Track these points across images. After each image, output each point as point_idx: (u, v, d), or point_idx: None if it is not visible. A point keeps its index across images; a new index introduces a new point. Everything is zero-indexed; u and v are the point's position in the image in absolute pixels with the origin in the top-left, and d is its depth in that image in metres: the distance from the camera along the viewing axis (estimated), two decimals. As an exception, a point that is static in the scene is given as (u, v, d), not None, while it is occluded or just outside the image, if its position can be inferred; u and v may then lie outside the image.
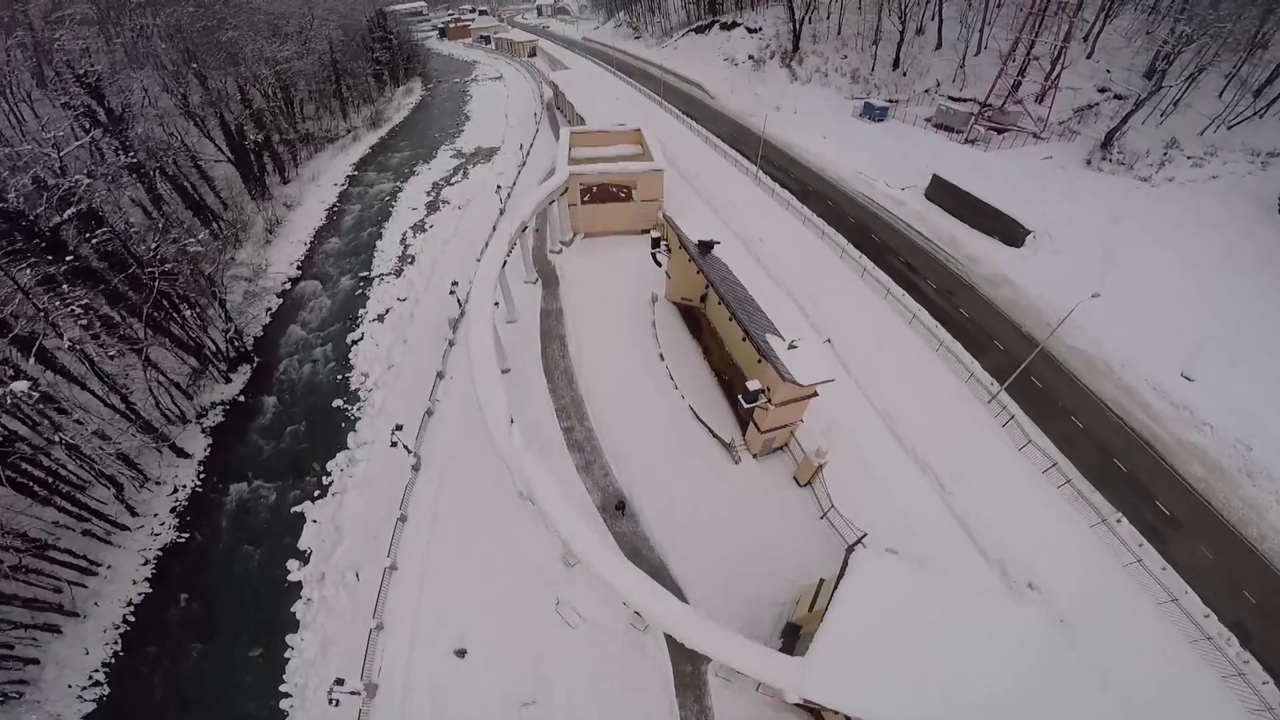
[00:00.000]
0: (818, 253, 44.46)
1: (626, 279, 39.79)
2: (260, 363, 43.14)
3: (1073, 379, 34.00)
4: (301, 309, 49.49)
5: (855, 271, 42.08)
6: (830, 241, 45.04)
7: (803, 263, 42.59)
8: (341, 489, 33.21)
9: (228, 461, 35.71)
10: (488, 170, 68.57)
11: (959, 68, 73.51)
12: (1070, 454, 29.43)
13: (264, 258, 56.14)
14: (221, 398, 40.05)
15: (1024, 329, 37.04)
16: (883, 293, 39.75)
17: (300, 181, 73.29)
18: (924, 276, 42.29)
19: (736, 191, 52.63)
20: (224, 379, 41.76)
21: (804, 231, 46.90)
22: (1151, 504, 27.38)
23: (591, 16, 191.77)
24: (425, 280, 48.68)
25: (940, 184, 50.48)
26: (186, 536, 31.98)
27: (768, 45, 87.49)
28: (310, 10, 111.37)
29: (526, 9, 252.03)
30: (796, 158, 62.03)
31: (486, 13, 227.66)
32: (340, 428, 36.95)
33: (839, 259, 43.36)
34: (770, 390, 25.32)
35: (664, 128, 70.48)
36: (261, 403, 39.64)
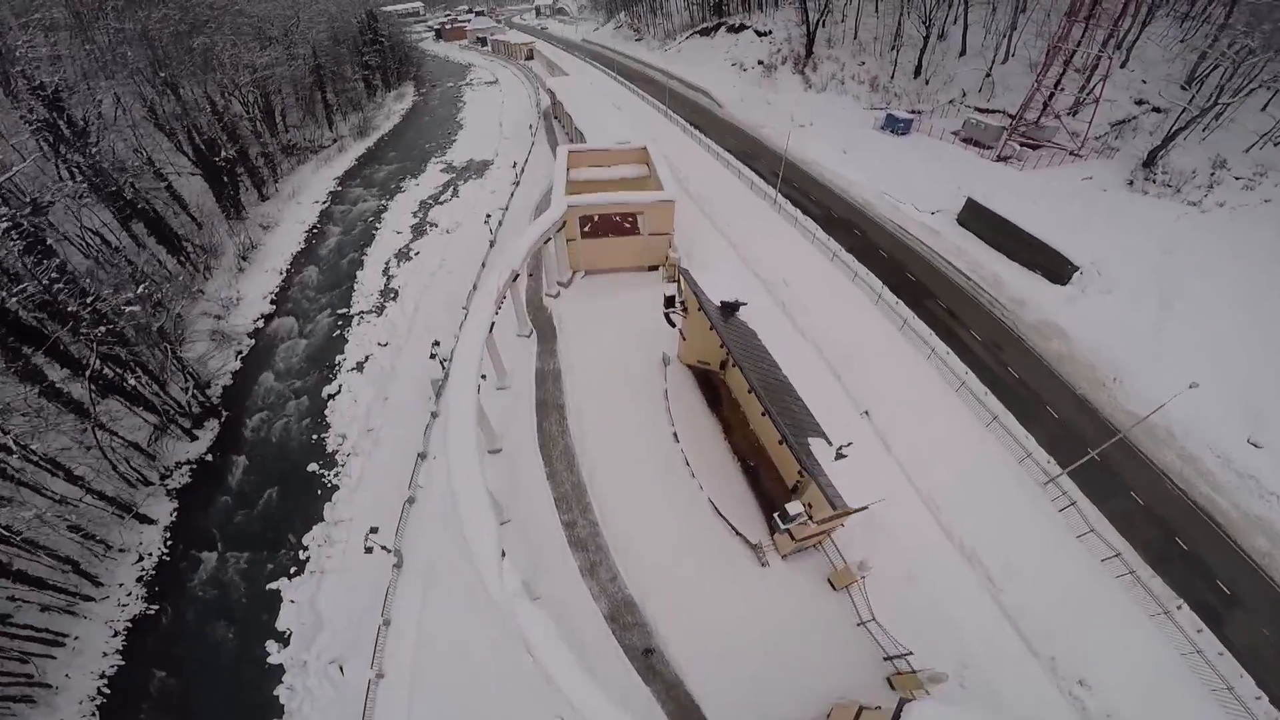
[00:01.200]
0: (849, 299, 39.29)
1: (634, 331, 34.97)
2: (229, 417, 39.37)
3: (1133, 449, 29.85)
4: (275, 352, 45.03)
5: (893, 322, 37.06)
6: (863, 283, 40.04)
7: (833, 312, 37.59)
8: (319, 568, 30.32)
9: (196, 528, 32.97)
10: (479, 188, 63.97)
11: (986, 76, 68.95)
12: (1129, 534, 26.39)
13: (235, 289, 51.62)
14: (187, 457, 36.62)
15: (1079, 390, 32.79)
16: (925, 351, 34.80)
17: (279, 199, 68.69)
18: (967, 326, 37.49)
19: (754, 220, 47.70)
20: (189, 436, 37.98)
21: (832, 271, 41.79)
22: (1212, 583, 25.26)
23: (590, 17, 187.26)
24: (408, 321, 44.23)
25: (975, 209, 45.70)
26: (156, 608, 29.97)
27: (779, 50, 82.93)
28: (297, 12, 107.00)
29: (525, 9, 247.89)
30: (816, 176, 57.27)
31: (483, 13, 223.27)
32: (317, 495, 33.63)
33: (874, 305, 38.42)
34: (811, 507, 21.12)
35: (670, 141, 65.93)
36: (231, 463, 36.26)
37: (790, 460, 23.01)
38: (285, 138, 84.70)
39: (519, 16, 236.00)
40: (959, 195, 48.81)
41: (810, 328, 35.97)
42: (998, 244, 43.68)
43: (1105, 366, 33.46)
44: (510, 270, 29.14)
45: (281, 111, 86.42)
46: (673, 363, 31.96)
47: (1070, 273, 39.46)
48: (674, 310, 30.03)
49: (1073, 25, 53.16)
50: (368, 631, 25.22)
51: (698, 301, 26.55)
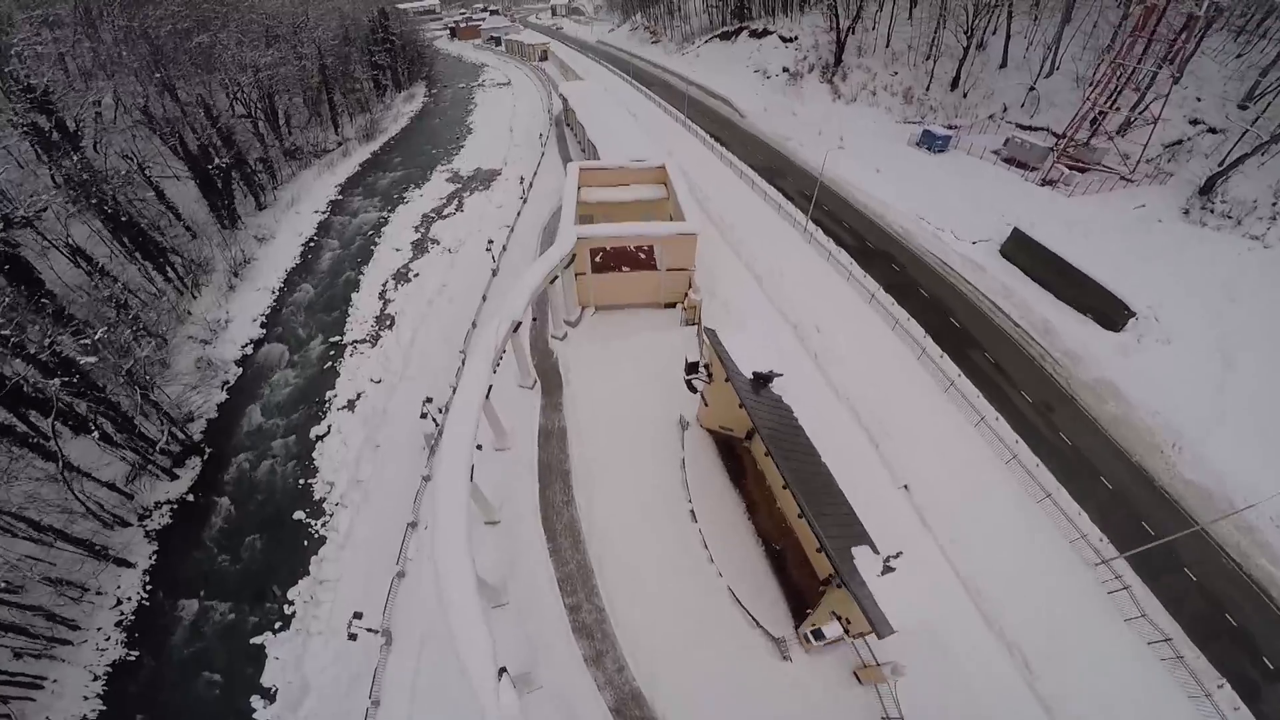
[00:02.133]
0: (889, 350, 34.98)
1: (648, 383, 31.20)
2: (212, 454, 36.89)
3: (1188, 520, 26.57)
4: (263, 383, 42.03)
5: (938, 381, 32.79)
6: (904, 333, 35.70)
7: (871, 366, 33.38)
8: (304, 626, 28.21)
9: (177, 572, 31.41)
10: (485, 201, 60.57)
11: (1029, 91, 64.64)
12: (1178, 611, 23.79)
13: (225, 310, 48.74)
14: (167, 497, 34.43)
15: (1134, 457, 29.06)
16: (972, 416, 30.69)
17: (278, 207, 65.76)
18: (1017, 384, 33.31)
19: (783, 250, 43.47)
20: (168, 476, 35.48)
21: (869, 316, 37.47)
22: (1256, 658, 23.21)
23: (606, 18, 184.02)
24: (403, 355, 40.87)
25: (1021, 241, 41.43)
26: (137, 654, 28.76)
27: (805, 57, 78.92)
28: (306, 10, 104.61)
29: (540, 9, 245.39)
30: (848, 198, 53.12)
31: (498, 12, 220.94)
32: (303, 546, 31.33)
33: (916, 359, 34.16)
34: (850, 622, 17.56)
35: (689, 155, 61.96)
36: (214, 505, 34.07)
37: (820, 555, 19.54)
38: (289, 140, 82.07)
39: (534, 16, 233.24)
40: (1001, 223, 44.86)
41: (845, 385, 31.98)
42: (1045, 281, 39.46)
43: (1163, 431, 29.70)
44: (510, 321, 25.56)
45: (285, 113, 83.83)
46: (692, 426, 28.24)
47: (1125, 318, 35.25)
48: (697, 375, 26.30)
49: (1135, 41, 48.79)
50: (358, 700, 23.51)
51: (725, 371, 22.82)
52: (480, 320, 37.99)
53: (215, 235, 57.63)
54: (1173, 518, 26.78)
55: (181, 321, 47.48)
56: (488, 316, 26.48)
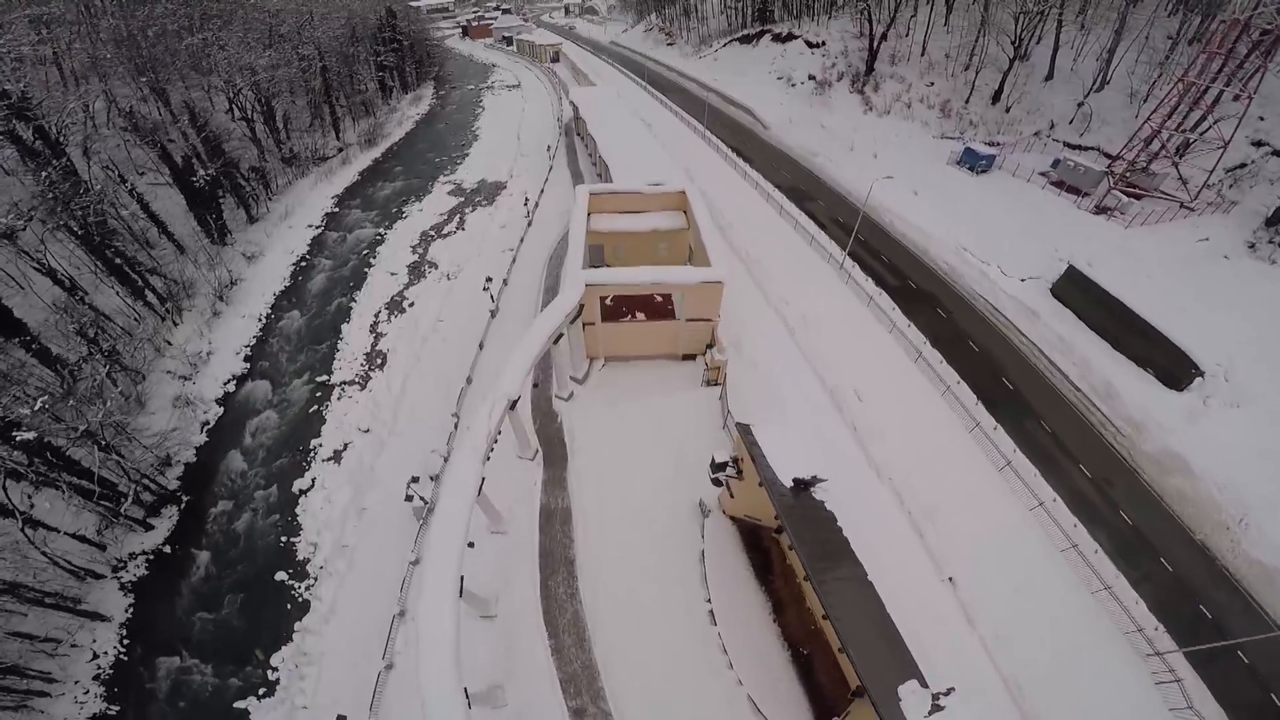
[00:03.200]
0: (938, 422, 30.35)
1: (665, 457, 27.25)
2: (190, 503, 34.41)
3: (1249, 599, 23.57)
4: (244, 425, 38.94)
5: (990, 459, 28.38)
6: (954, 400, 31.10)
7: (919, 441, 28.90)
8: (289, 694, 26.50)
9: (155, 628, 29.93)
10: (488, 219, 56.72)
11: (1078, 106, 59.86)
12: (1225, 696, 20.91)
13: (207, 340, 45.38)
14: (141, 548, 32.27)
15: (1197, 535, 25.76)
16: (1028, 499, 26.49)
17: (270, 220, 62.36)
18: (1075, 456, 29.02)
19: (817, 291, 38.75)
20: (142, 526, 33.10)
21: (916, 377, 32.75)
22: None
23: (620, 18, 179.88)
24: (394, 406, 37.25)
25: (1076, 280, 36.49)
26: (118, 709, 27.47)
27: (834, 64, 74.29)
28: (310, 9, 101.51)
29: (554, 7, 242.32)
30: (885, 226, 48.48)
31: (510, 11, 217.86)
32: (286, 609, 29.24)
33: (968, 433, 29.69)
34: None
35: (709, 171, 57.74)
36: (193, 558, 32.04)
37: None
38: (287, 146, 78.87)
39: (547, 15, 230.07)
40: (1052, 256, 40.58)
41: (889, 464, 27.64)
42: (1101, 327, 34.73)
43: (1230, 506, 25.90)
44: (506, 400, 21.59)
45: (284, 117, 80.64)
46: (714, 513, 24.19)
47: (1190, 376, 30.73)
48: (726, 472, 22.31)
49: (1211, 58, 43.93)
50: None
51: (758, 474, 18.77)
52: (475, 384, 34.07)
53: (202, 252, 54.33)
54: (1234, 599, 23.90)
55: (160, 353, 44.18)
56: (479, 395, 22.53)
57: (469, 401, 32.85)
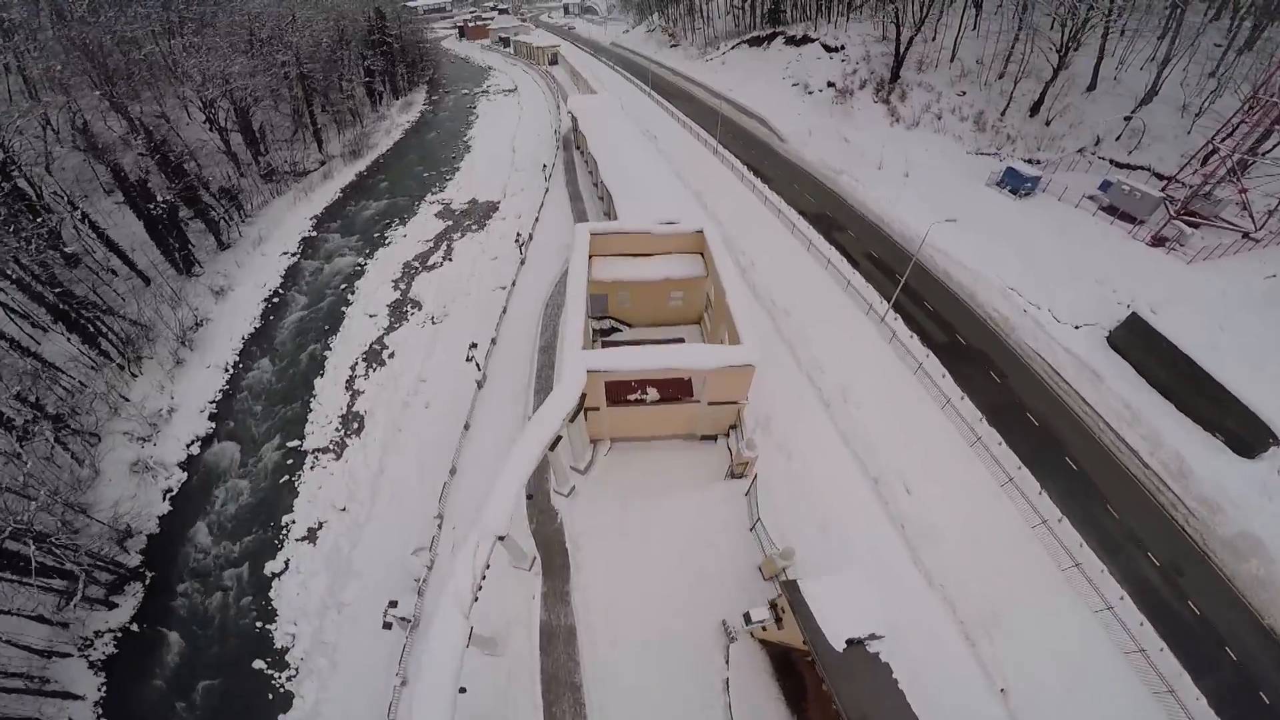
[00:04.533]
0: (997, 516, 26.08)
1: (683, 566, 23.09)
2: (155, 578, 31.37)
3: None
4: (211, 495, 34.94)
5: (1054, 558, 24.51)
6: (1016, 493, 26.74)
7: (975, 541, 24.98)
8: None
9: (130, 709, 27.56)
10: (478, 249, 51.75)
11: (1125, 121, 54.95)
12: None
13: (168, 394, 40.92)
14: (107, 625, 29.67)
15: (1266, 620, 23.21)
16: (1093, 599, 23.17)
17: (242, 246, 57.50)
18: (1143, 544, 25.49)
19: (856, 352, 33.56)
20: (105, 605, 30.17)
21: (973, 465, 28.08)
22: None
23: (620, 18, 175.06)
24: (372, 479, 32.96)
25: (1139, 330, 32.17)
26: None
27: (855, 70, 69.31)
28: (293, 10, 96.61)
29: (552, 7, 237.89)
30: (924, 263, 43.51)
31: (507, 11, 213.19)
32: (268, 700, 26.53)
33: (1030, 529, 25.40)
34: None
35: (723, 194, 52.71)
36: (163, 639, 29.46)
37: None
38: (264, 160, 74.08)
39: (546, 15, 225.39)
40: (1107, 298, 36.67)
41: (941, 570, 23.44)
42: (1164, 385, 30.76)
43: None
44: (493, 538, 16.95)
45: (261, 128, 75.79)
46: (740, 636, 19.76)
47: (1265, 444, 26.96)
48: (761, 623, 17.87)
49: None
50: None
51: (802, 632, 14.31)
52: (459, 476, 29.41)
53: (166, 286, 49.59)
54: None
55: (116, 411, 39.62)
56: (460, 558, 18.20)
57: (453, 499, 28.26)
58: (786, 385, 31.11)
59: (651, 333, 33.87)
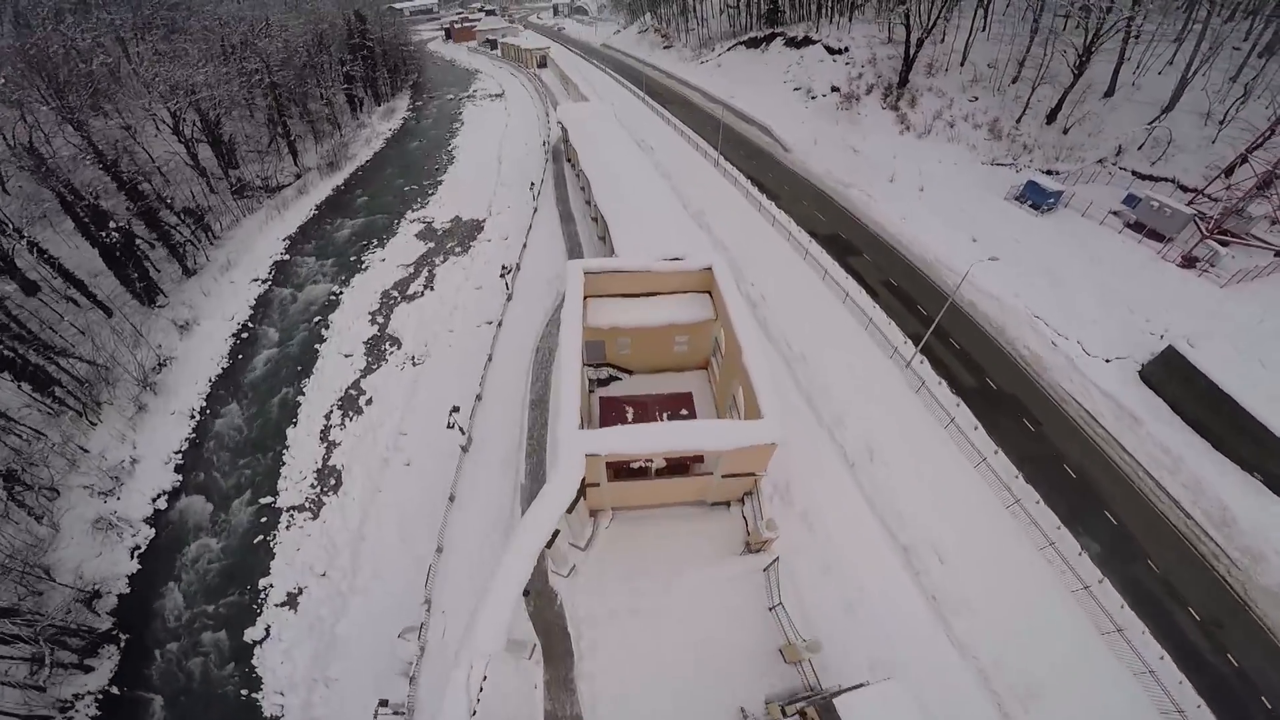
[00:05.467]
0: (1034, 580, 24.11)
1: (698, 646, 20.61)
2: (131, 640, 29.60)
3: None
4: (183, 549, 32.72)
5: (1095, 622, 22.85)
6: (1056, 558, 24.57)
7: (1014, 610, 23.10)
8: None
9: None
10: (461, 276, 48.39)
11: (1147, 129, 52.34)
12: None
13: (130, 443, 37.79)
14: (86, 688, 28.11)
15: None
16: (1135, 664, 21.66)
17: (210, 272, 53.91)
18: (1184, 597, 24.09)
19: (879, 399, 30.65)
20: (80, 668, 28.53)
21: (1008, 526, 25.71)
22: None
23: (611, 18, 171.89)
24: (352, 544, 30.22)
25: (1175, 366, 30.33)
26: None
27: (860, 74, 66.50)
28: (265, 14, 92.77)
29: (541, 8, 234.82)
30: (941, 287, 40.40)
31: (494, 12, 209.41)
32: None
33: (1070, 594, 23.39)
34: None
35: (726, 212, 49.61)
36: (146, 703, 27.89)
37: None
38: (235, 175, 70.37)
39: (535, 16, 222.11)
40: (1139, 328, 34.85)
41: (975, 642, 21.41)
42: (1200, 422, 29.03)
43: None
44: (485, 661, 14.02)
45: (230, 140, 71.94)
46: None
47: None
48: None
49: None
50: None
51: None
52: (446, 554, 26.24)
53: (128, 320, 45.99)
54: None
55: (75, 464, 36.53)
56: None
57: (441, 581, 25.28)
58: (806, 443, 28.06)
59: (654, 381, 30.77)
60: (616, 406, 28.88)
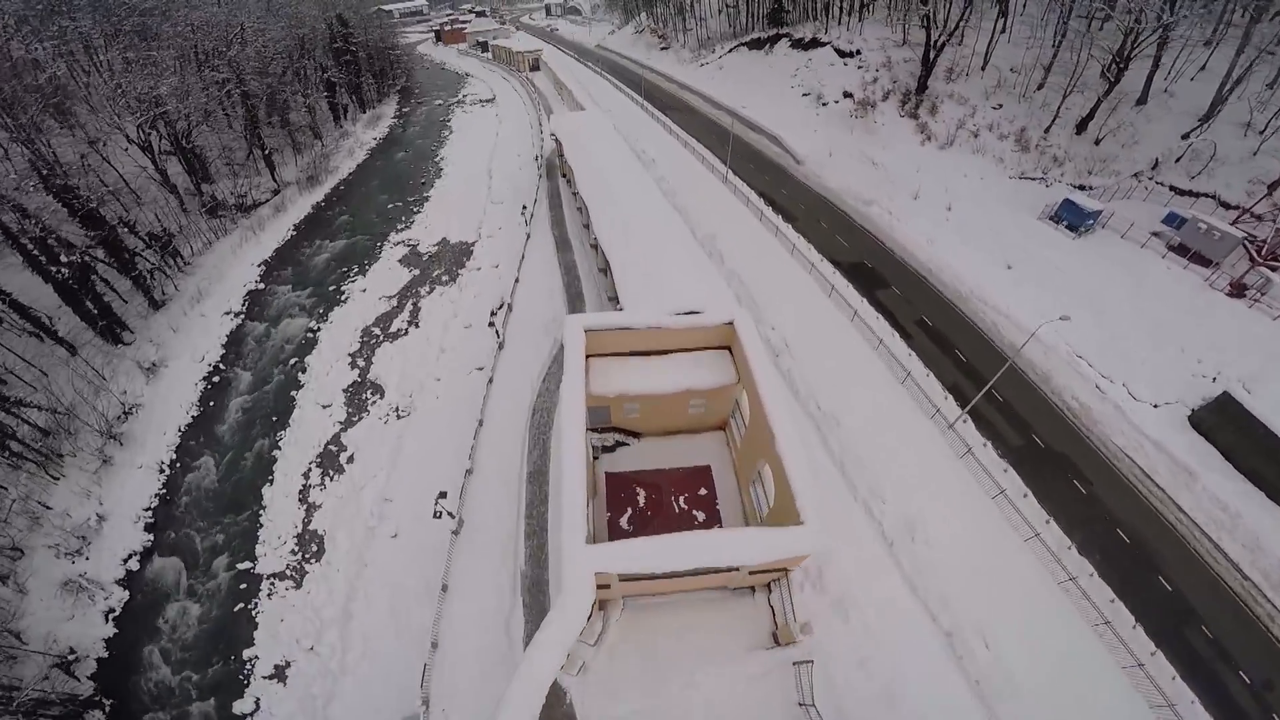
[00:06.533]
0: (1087, 658, 21.90)
1: None
2: (115, 706, 28.01)
3: None
4: (161, 613, 30.57)
5: (1145, 697, 21.08)
6: (1109, 634, 22.35)
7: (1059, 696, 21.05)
8: None
9: None
10: (448, 309, 44.95)
11: (1185, 139, 49.33)
12: None
13: (96, 499, 34.95)
14: None
15: None
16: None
17: (179, 303, 50.42)
18: (1236, 661, 22.61)
19: (920, 473, 27.40)
20: None
21: (1060, 604, 23.38)
22: None
23: (605, 18, 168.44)
24: (340, 620, 27.92)
25: (1230, 413, 28.32)
26: None
27: (875, 79, 63.29)
28: (241, 20, 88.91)
29: (534, 8, 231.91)
30: (984, 327, 37.04)
31: (485, 14, 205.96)
32: None
33: (1121, 669, 21.34)
34: None
35: (737, 237, 46.12)
36: None
37: None
38: (209, 191, 66.80)
39: (528, 16, 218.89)
40: (1186, 365, 32.25)
41: None
42: (1255, 471, 27.33)
43: None
44: None
45: (200, 155, 68.25)
46: None
47: None
48: None
49: None
50: None
51: None
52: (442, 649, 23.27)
53: (86, 366, 42.56)
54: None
55: (38, 522, 33.81)
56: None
57: (438, 678, 22.41)
58: (841, 520, 24.97)
59: (666, 447, 27.51)
60: (625, 485, 25.63)
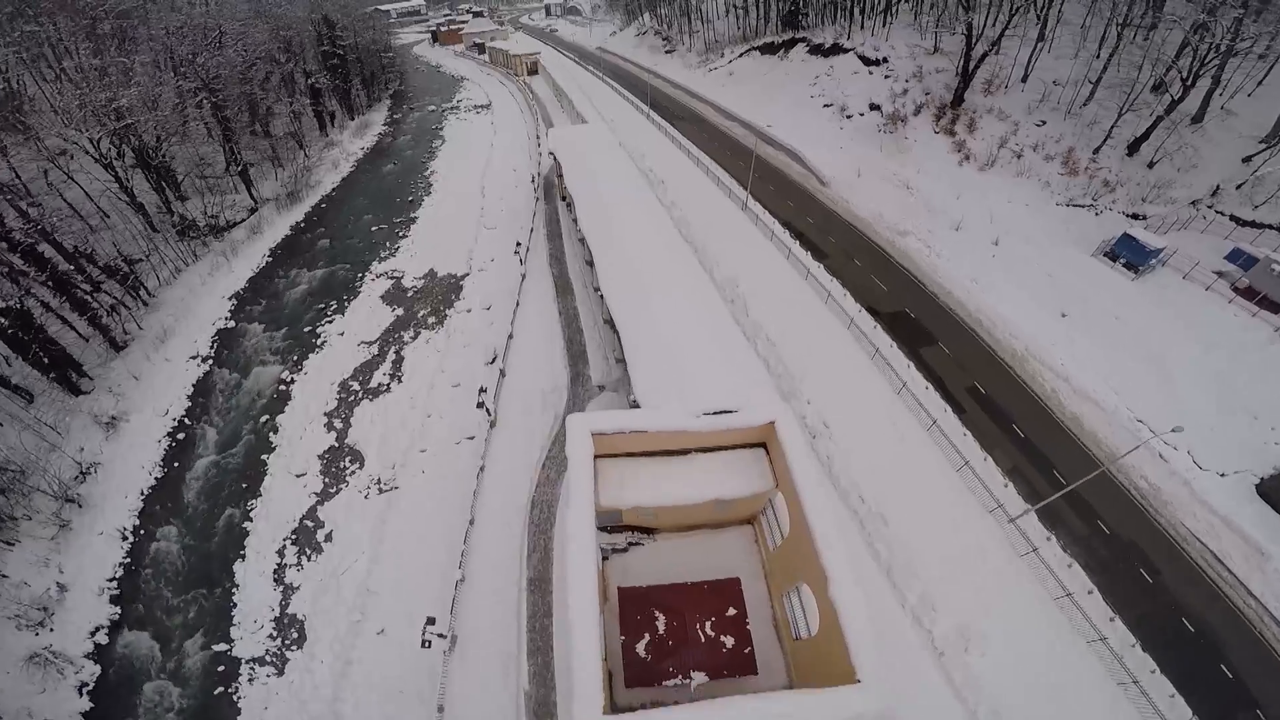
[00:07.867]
0: None
1: None
2: None
3: None
4: (138, 691, 27.95)
5: None
6: None
7: None
8: None
9: None
10: (436, 358, 40.83)
11: (1246, 163, 45.77)
12: None
13: (55, 568, 31.98)
14: None
15: None
16: None
17: (142, 345, 46.70)
18: None
19: (977, 577, 24.16)
20: None
21: (1120, 709, 21.10)
22: None
23: (606, 19, 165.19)
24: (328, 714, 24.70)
25: None
26: None
27: (905, 90, 59.56)
28: (219, 23, 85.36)
29: (533, 8, 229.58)
30: (1030, 384, 33.40)
31: (482, 14, 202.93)
32: None
33: None
34: None
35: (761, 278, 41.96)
36: None
37: None
38: (179, 211, 63.23)
39: (526, 17, 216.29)
40: (1258, 431, 29.25)
41: None
42: None
43: None
44: None
45: (168, 170, 64.60)
46: None
47: None
48: None
49: None
50: None
51: None
52: None
53: (41, 423, 39.12)
54: None
55: None
56: None
57: None
58: (886, 627, 21.57)
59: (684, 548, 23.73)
60: (642, 605, 21.84)
